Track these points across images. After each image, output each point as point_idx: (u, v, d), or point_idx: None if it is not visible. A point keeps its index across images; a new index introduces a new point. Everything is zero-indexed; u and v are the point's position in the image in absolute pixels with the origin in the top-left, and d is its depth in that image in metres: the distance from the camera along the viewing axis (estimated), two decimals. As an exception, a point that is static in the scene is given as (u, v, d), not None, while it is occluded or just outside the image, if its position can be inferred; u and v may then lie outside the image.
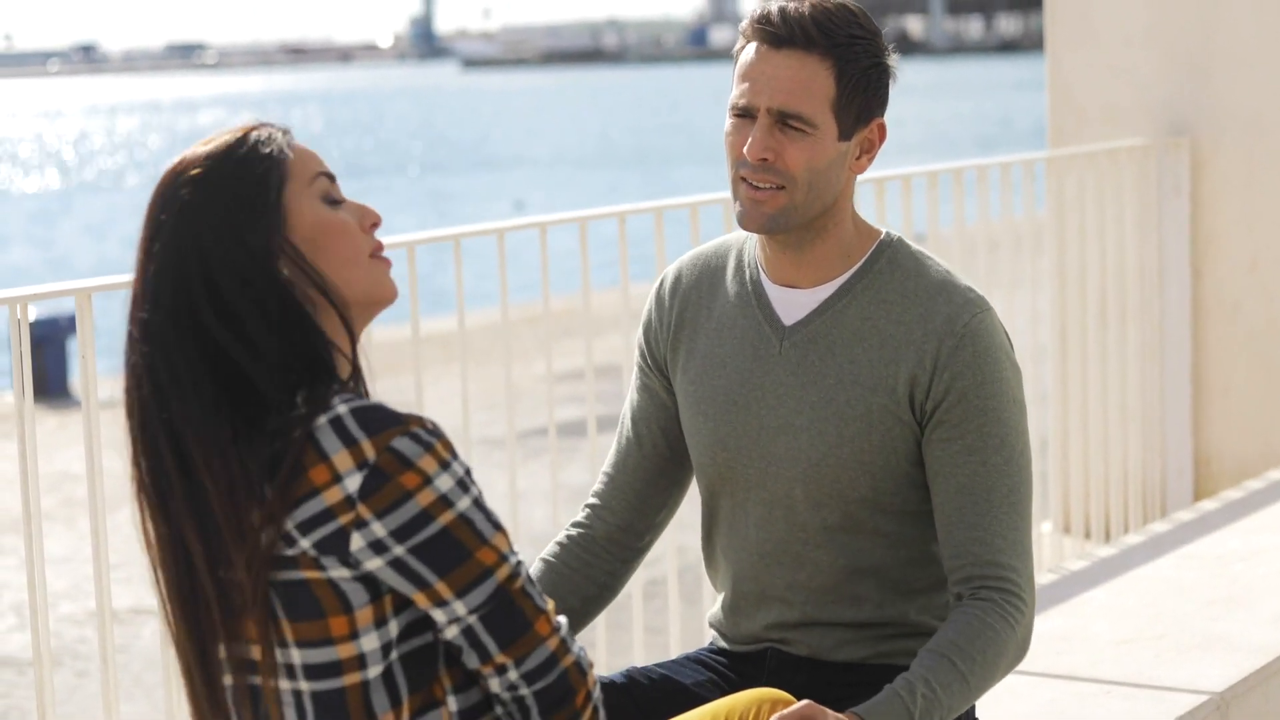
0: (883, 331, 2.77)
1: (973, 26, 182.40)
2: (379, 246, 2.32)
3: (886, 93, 2.80)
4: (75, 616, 8.05)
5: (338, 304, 2.26)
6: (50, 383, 14.60)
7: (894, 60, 2.80)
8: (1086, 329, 5.97)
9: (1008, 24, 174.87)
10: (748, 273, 2.87)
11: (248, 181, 2.24)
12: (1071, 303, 5.96)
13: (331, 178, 2.31)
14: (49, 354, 14.70)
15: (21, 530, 3.37)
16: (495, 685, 2.24)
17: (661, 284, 2.95)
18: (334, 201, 2.30)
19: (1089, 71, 6.42)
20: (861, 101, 2.75)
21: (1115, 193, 6.00)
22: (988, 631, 2.67)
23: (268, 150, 2.26)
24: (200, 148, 2.27)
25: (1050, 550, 5.93)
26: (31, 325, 3.52)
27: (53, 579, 8.41)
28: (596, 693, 2.27)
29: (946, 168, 5.35)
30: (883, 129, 2.81)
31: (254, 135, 2.27)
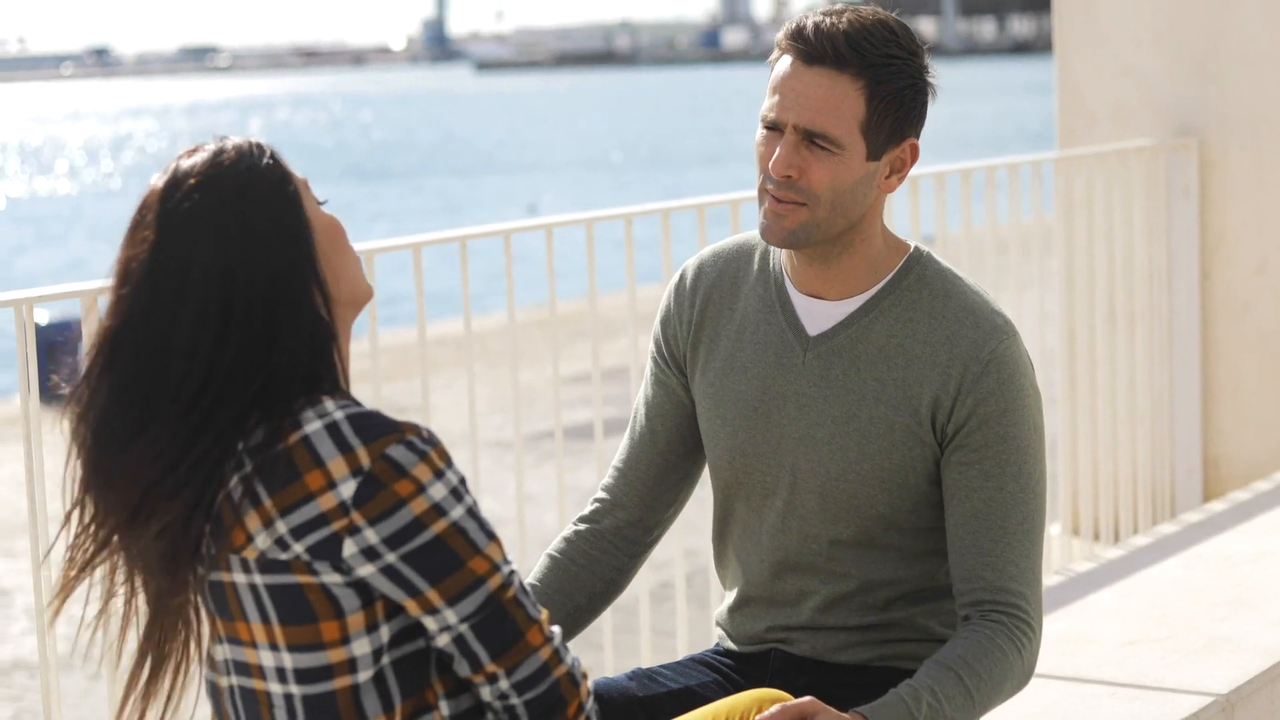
0: (908, 351, 2.75)
1: (985, 28, 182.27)
2: None
3: (923, 113, 2.74)
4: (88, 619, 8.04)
5: (339, 305, 2.26)
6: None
7: (934, 78, 2.74)
8: (1095, 330, 5.97)
9: (1021, 25, 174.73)
10: (772, 277, 2.84)
11: (278, 191, 2.21)
12: (1080, 304, 5.95)
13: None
14: (61, 357, 14.71)
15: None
16: (486, 694, 2.24)
17: (681, 279, 2.91)
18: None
19: (1097, 72, 6.42)
20: (893, 122, 2.70)
21: (1124, 194, 5.99)
22: (995, 652, 2.67)
23: (278, 158, 2.24)
24: (200, 158, 2.21)
25: (1059, 552, 5.93)
26: (43, 329, 3.53)
27: (64, 581, 8.39)
28: (590, 704, 2.27)
29: (954, 169, 5.33)
30: (915, 149, 2.76)
31: (251, 146, 2.23)
